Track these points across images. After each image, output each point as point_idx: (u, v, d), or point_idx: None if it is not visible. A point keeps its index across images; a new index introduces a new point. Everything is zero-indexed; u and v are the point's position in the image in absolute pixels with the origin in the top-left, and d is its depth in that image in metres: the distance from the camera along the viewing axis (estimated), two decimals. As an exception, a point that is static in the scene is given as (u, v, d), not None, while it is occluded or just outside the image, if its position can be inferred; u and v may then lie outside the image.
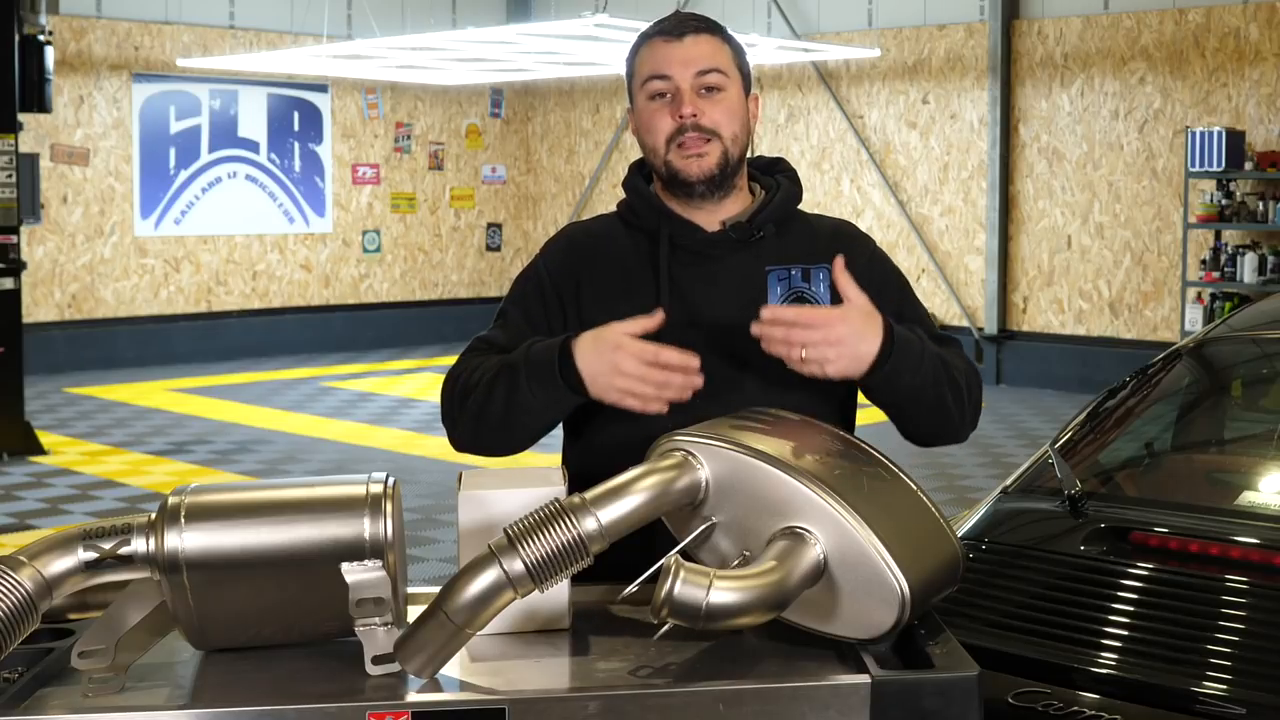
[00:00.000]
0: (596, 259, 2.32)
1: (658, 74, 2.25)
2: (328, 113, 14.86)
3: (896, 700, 1.60)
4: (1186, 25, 11.54)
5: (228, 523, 1.68)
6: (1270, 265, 10.89)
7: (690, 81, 2.23)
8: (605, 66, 13.14)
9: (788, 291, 2.23)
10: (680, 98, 2.23)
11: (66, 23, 12.92)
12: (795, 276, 2.24)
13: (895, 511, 1.79)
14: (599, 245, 2.34)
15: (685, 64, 2.24)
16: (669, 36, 2.27)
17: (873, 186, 13.37)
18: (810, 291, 2.23)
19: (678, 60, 2.24)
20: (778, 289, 2.23)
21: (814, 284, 2.24)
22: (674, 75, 2.24)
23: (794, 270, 2.25)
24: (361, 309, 15.18)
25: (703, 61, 2.24)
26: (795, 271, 2.24)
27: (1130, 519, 2.82)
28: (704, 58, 2.25)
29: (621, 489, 1.71)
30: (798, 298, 2.23)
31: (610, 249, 2.32)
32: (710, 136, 2.23)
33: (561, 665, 1.78)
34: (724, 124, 2.24)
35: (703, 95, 2.24)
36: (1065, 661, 2.38)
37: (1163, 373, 3.42)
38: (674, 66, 2.24)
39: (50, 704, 1.63)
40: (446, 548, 6.92)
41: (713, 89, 2.24)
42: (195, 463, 9.19)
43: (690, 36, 2.26)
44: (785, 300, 2.23)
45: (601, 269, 2.30)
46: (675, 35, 2.26)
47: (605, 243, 2.33)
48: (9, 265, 9.01)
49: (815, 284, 2.24)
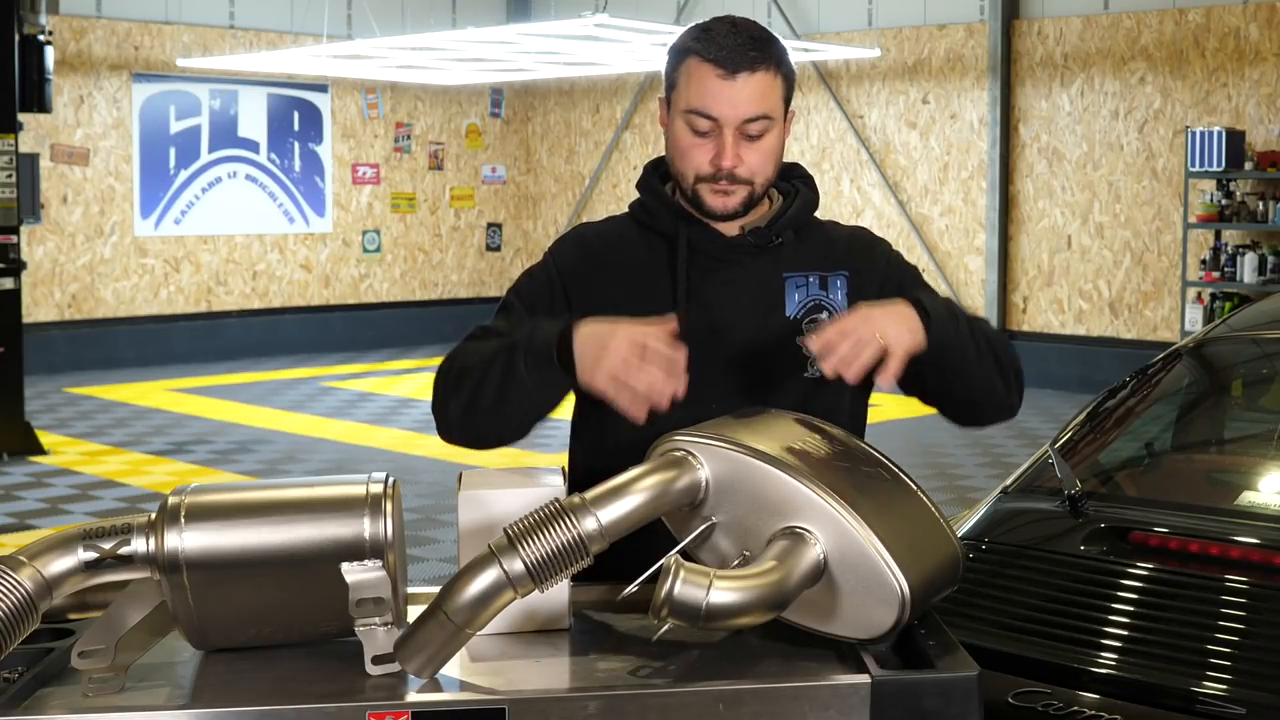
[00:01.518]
0: (609, 261, 2.27)
1: (703, 111, 2.13)
2: (328, 113, 14.86)
3: (896, 700, 1.60)
4: (1186, 25, 11.54)
5: (228, 523, 1.68)
6: (1270, 265, 10.89)
7: (735, 127, 2.14)
8: (605, 66, 13.14)
9: (806, 299, 2.21)
10: (723, 145, 2.14)
11: (66, 23, 12.93)
12: (813, 284, 2.22)
13: (895, 511, 1.79)
14: (611, 247, 2.29)
15: (734, 107, 2.12)
16: (723, 72, 2.12)
17: (873, 186, 13.37)
18: (828, 299, 2.22)
19: (726, 102, 2.12)
20: (795, 296, 2.21)
21: (831, 291, 2.22)
22: (721, 118, 2.13)
23: (811, 278, 2.22)
24: (361, 309, 15.18)
25: (752, 108, 2.13)
26: (813, 279, 2.22)
27: (1130, 519, 2.82)
28: (754, 102, 2.13)
29: (621, 489, 1.71)
30: (815, 305, 2.21)
31: (624, 251, 2.27)
32: (744, 182, 2.17)
33: (561, 665, 1.78)
34: (759, 171, 2.17)
35: (744, 141, 2.15)
36: (1065, 661, 2.38)
37: (1163, 373, 3.42)
38: (722, 108, 2.12)
39: (50, 704, 1.63)
40: (446, 548, 6.93)
41: (755, 135, 2.15)
42: (195, 463, 9.19)
43: (744, 75, 2.12)
44: (803, 307, 2.21)
45: (614, 271, 2.25)
46: (729, 72, 2.12)
47: (618, 245, 2.29)
48: (9, 265, 9.01)
49: (833, 291, 2.22)
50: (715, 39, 2.15)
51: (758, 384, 2.18)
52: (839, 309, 2.20)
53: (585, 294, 2.24)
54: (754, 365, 2.18)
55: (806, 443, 1.84)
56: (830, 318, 2.17)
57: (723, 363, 2.17)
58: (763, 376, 2.18)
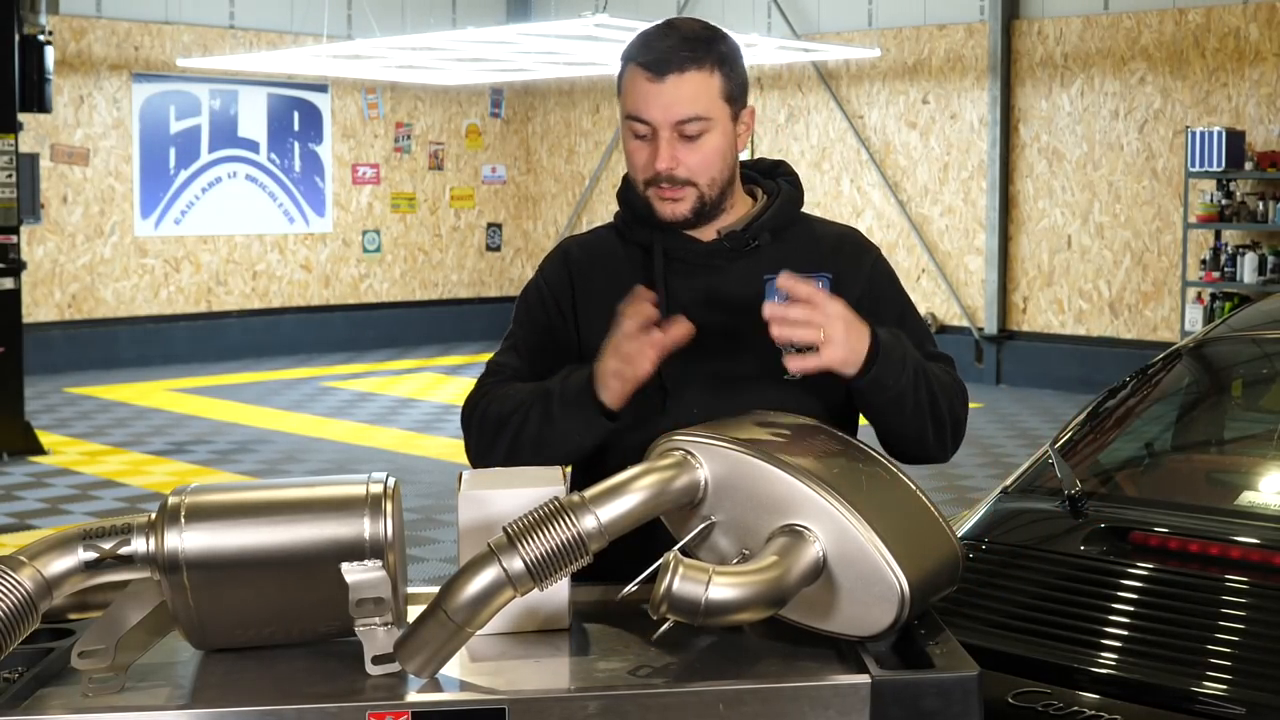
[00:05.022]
0: (593, 272, 2.30)
1: (637, 115, 2.16)
2: (328, 113, 14.86)
3: (896, 700, 1.60)
4: (1186, 25, 11.54)
5: (228, 523, 1.68)
6: (1270, 265, 10.89)
7: (669, 129, 2.14)
8: (605, 66, 13.13)
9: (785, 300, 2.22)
10: (657, 145, 2.16)
11: (66, 23, 12.92)
12: None
13: (894, 510, 1.79)
14: (595, 259, 2.32)
15: (665, 109, 2.13)
16: (651, 75, 2.14)
17: (873, 186, 13.37)
18: None
19: (657, 105, 2.13)
20: (774, 298, 2.23)
21: None
22: (653, 120, 2.14)
23: None
24: (361, 309, 15.18)
25: (683, 109, 2.13)
26: None
27: (1130, 519, 2.82)
28: (684, 103, 2.13)
29: (620, 487, 1.72)
30: None
31: (607, 262, 2.30)
32: (685, 184, 2.18)
33: (561, 665, 1.78)
34: (700, 172, 2.17)
35: (681, 142, 2.16)
36: (1065, 661, 2.38)
37: (1163, 373, 3.42)
38: (653, 111, 2.14)
39: (50, 704, 1.63)
40: (446, 548, 6.93)
41: (692, 137, 2.16)
42: (195, 463, 9.19)
43: (673, 77, 2.13)
44: None
45: (598, 283, 2.28)
46: (657, 75, 2.13)
47: (601, 256, 2.31)
48: (9, 265, 9.01)
49: None
50: (649, 43, 2.17)
51: (735, 387, 2.18)
52: None
53: (571, 304, 2.29)
54: (732, 369, 2.19)
55: (805, 441, 1.85)
56: None
57: (702, 367, 2.19)
58: (740, 380, 2.19)
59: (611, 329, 2.11)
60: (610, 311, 2.16)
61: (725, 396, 2.16)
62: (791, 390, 2.11)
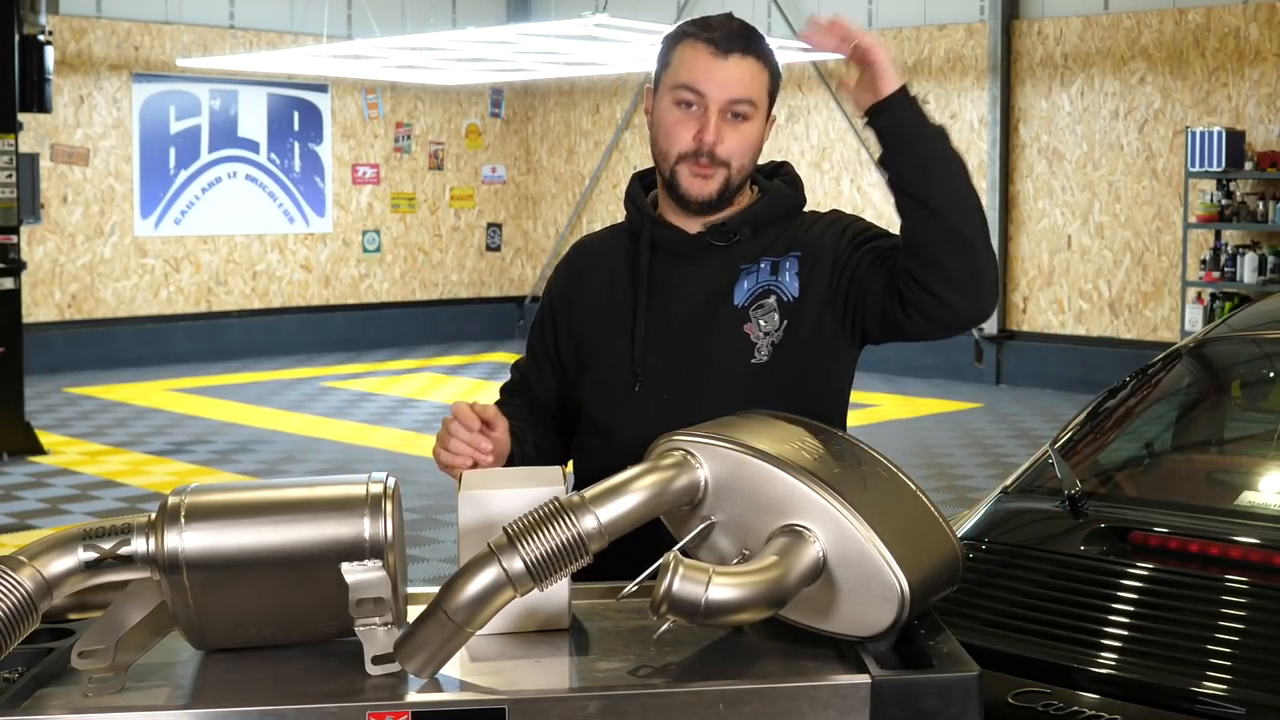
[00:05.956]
0: (594, 271, 2.38)
1: (692, 87, 2.20)
2: (328, 113, 14.86)
3: (896, 700, 1.60)
4: (1186, 25, 11.54)
5: (228, 523, 1.68)
6: (1270, 265, 10.90)
7: (721, 105, 2.20)
8: (605, 66, 13.14)
9: (755, 285, 2.26)
10: (706, 121, 2.20)
11: (66, 23, 12.92)
12: (764, 270, 2.26)
13: (894, 510, 1.79)
14: (599, 257, 2.40)
15: (722, 85, 2.19)
16: (715, 50, 2.20)
17: (873, 186, 13.38)
18: (777, 283, 2.25)
19: (716, 80, 2.20)
20: (745, 284, 2.26)
21: (781, 275, 2.26)
22: (708, 94, 2.20)
23: (763, 264, 2.26)
24: (361, 309, 15.18)
25: (739, 89, 2.20)
26: (765, 265, 2.26)
27: (1130, 519, 2.82)
28: (741, 84, 2.20)
29: (620, 488, 1.72)
30: (764, 291, 2.25)
31: (609, 259, 2.37)
32: (721, 164, 2.22)
33: (561, 665, 1.78)
34: (737, 155, 2.23)
35: (728, 121, 2.21)
36: (1065, 661, 2.38)
37: (1163, 373, 3.42)
38: (711, 85, 2.20)
39: (50, 704, 1.63)
40: (446, 548, 6.93)
41: (739, 117, 2.21)
42: (195, 463, 9.19)
43: (735, 57, 2.20)
44: (752, 295, 2.25)
45: (594, 280, 2.36)
46: (721, 51, 2.20)
47: (605, 254, 2.39)
48: (9, 265, 9.02)
49: (782, 274, 2.26)
50: (710, 24, 2.25)
51: (703, 371, 2.24)
52: (789, 292, 2.24)
53: (566, 308, 2.38)
54: (700, 354, 2.25)
55: (805, 442, 1.85)
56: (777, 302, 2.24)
57: (672, 353, 2.26)
58: (708, 363, 2.24)
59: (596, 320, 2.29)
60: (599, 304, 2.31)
61: (694, 381, 2.22)
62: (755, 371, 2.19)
